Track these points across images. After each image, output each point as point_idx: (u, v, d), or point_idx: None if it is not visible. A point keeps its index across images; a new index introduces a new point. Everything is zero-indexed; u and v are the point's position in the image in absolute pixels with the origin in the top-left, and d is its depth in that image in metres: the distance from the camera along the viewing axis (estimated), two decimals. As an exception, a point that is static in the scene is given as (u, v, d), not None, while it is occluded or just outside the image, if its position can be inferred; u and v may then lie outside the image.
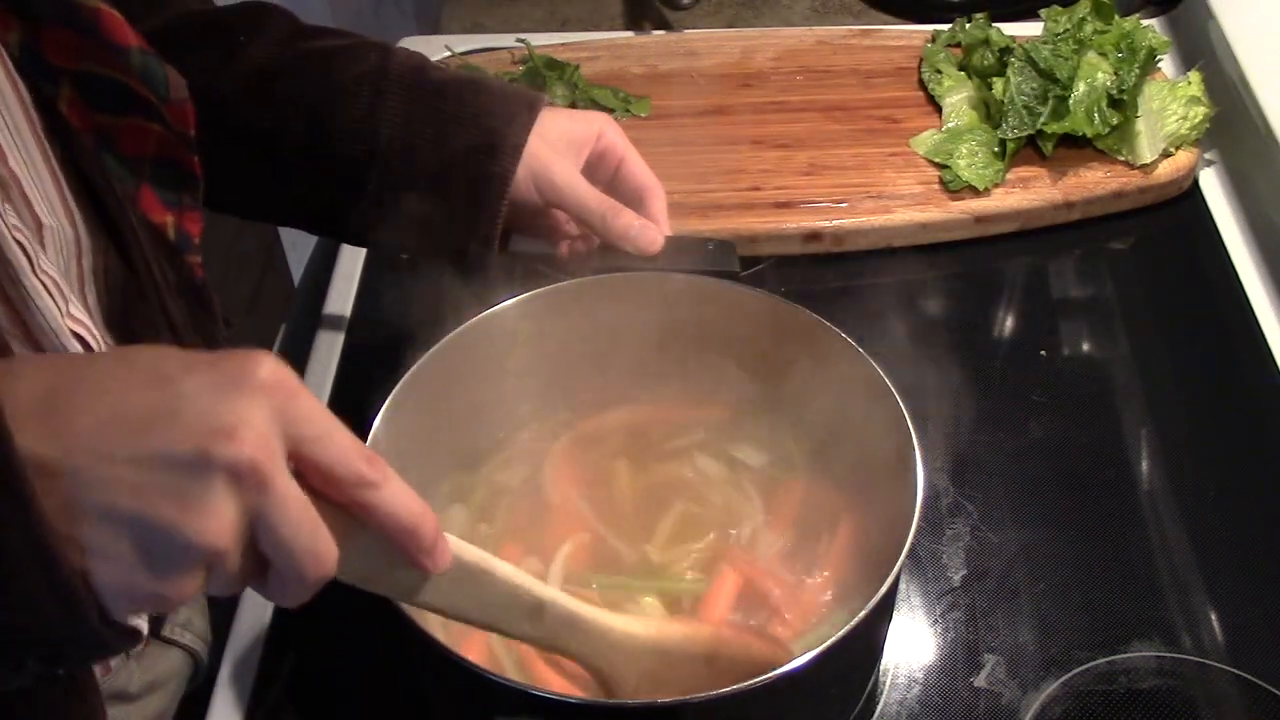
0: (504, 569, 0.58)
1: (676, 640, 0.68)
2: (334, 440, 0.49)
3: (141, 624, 0.51)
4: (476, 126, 0.85)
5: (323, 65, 0.86)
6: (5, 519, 0.44)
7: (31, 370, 0.48)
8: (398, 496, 0.51)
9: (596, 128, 0.88)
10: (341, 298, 1.09)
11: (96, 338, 0.65)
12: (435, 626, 0.76)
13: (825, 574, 0.80)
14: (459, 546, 0.55)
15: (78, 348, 0.63)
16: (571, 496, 0.85)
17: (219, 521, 0.46)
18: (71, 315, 0.64)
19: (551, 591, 0.62)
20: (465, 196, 0.85)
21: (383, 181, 0.85)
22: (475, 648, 0.75)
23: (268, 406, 0.47)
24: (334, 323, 1.07)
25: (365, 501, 0.50)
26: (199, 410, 0.46)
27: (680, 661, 0.67)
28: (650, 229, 0.86)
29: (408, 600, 0.55)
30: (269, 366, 0.48)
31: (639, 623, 0.66)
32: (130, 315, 0.70)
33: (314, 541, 0.49)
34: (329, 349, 1.04)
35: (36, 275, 0.61)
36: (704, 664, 0.68)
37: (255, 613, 0.86)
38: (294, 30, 0.88)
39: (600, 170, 0.88)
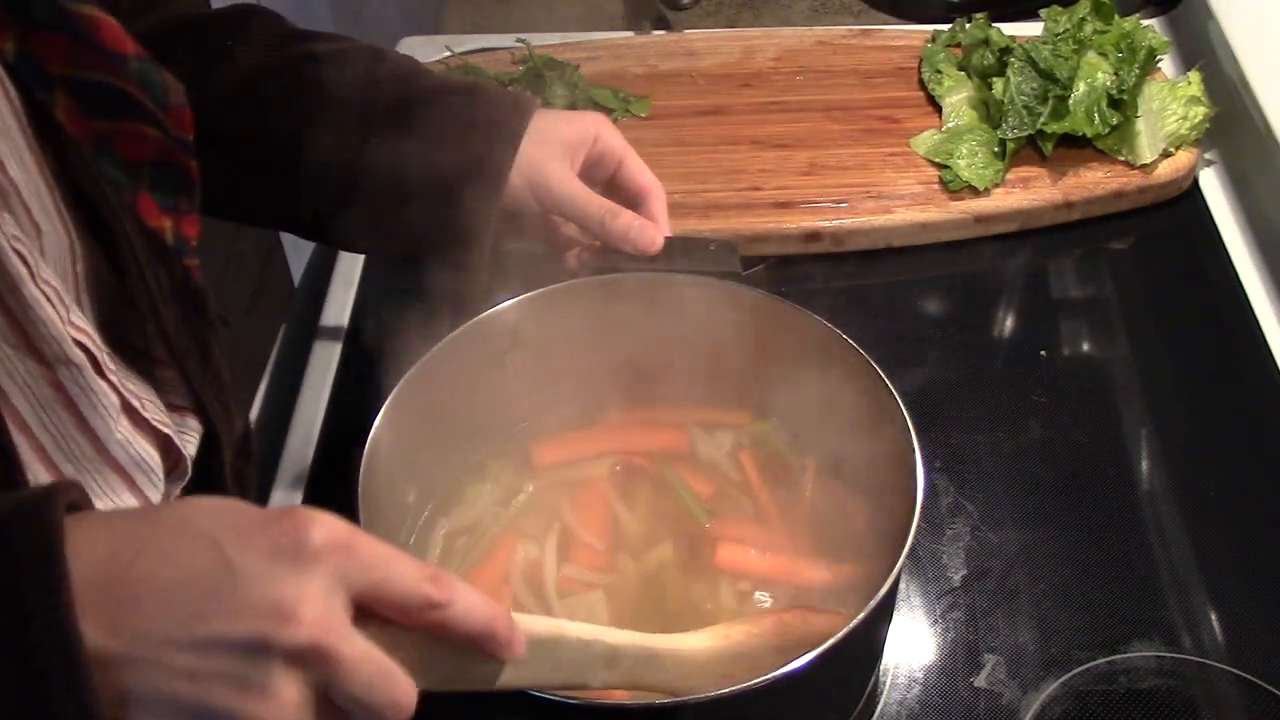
0: (574, 630, 0.60)
1: (741, 640, 0.69)
2: (397, 577, 0.50)
3: None
4: (465, 141, 0.84)
5: (310, 74, 0.85)
6: (63, 715, 0.45)
7: (90, 538, 0.47)
8: (468, 608, 0.52)
9: (593, 130, 0.87)
10: (342, 298, 1.09)
11: (97, 343, 0.65)
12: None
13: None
14: (530, 623, 0.56)
15: (80, 356, 0.63)
16: (569, 493, 0.85)
17: (280, 703, 0.46)
18: (73, 323, 0.64)
19: (621, 635, 0.62)
20: (454, 210, 0.84)
21: (370, 193, 0.85)
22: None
23: (326, 573, 0.48)
24: (334, 322, 1.07)
25: (437, 621, 0.51)
26: (255, 590, 0.46)
27: (752, 658, 0.68)
28: (650, 229, 0.85)
29: (491, 687, 0.55)
30: (323, 528, 0.48)
31: (706, 635, 0.67)
32: (120, 322, 0.70)
33: (389, 692, 0.49)
34: (329, 349, 1.04)
35: (37, 284, 0.61)
36: (775, 654, 0.68)
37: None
38: (282, 35, 0.87)
39: (598, 172, 0.88)
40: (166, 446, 0.71)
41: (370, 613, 0.50)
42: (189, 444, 0.74)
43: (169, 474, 0.72)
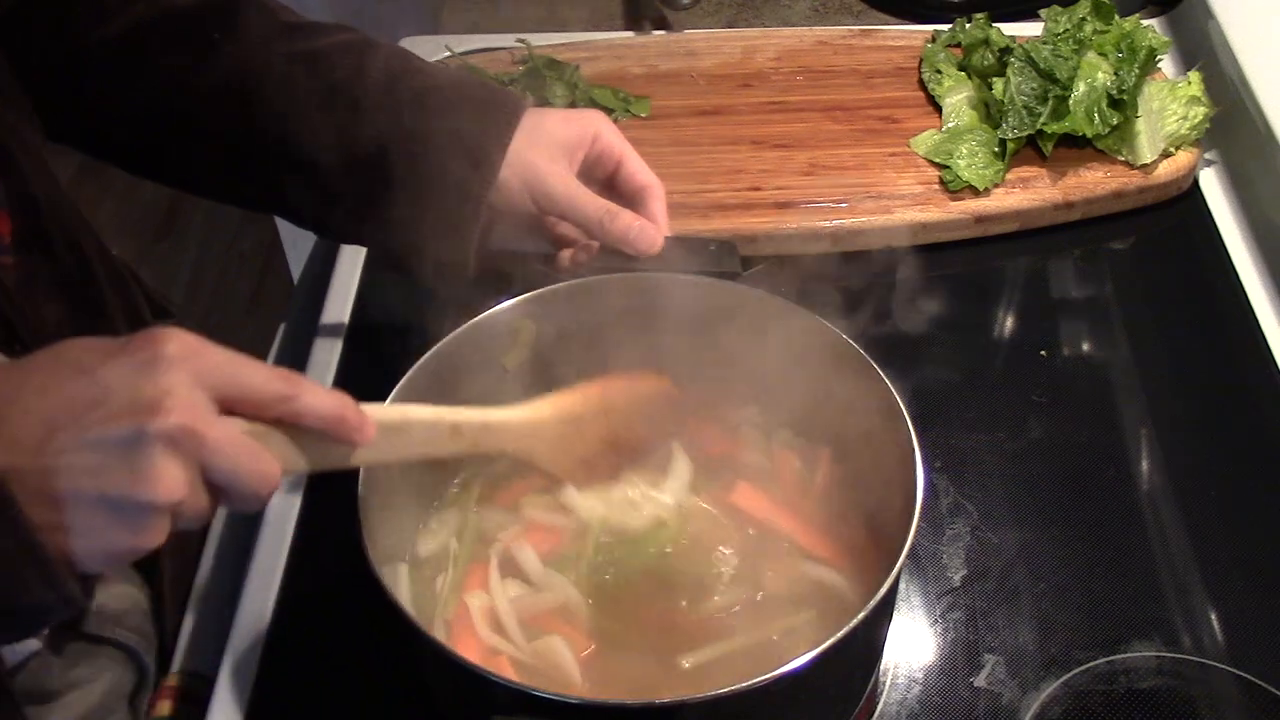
0: (418, 413, 0.69)
1: (568, 407, 0.78)
2: (247, 376, 0.58)
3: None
4: (453, 141, 0.84)
5: (299, 73, 0.85)
6: None
7: None
8: (317, 397, 0.60)
9: (592, 130, 0.87)
10: (341, 297, 1.09)
11: None
12: (435, 627, 0.76)
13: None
14: (379, 411, 0.65)
15: None
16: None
17: (168, 480, 0.54)
18: None
19: (460, 412, 0.71)
20: (441, 210, 0.84)
21: (358, 192, 0.85)
22: (474, 648, 0.75)
23: (184, 372, 0.55)
24: (334, 322, 1.07)
25: (291, 412, 0.59)
26: (126, 392, 0.54)
27: (580, 422, 0.79)
28: (650, 229, 0.85)
29: (349, 465, 0.65)
30: (173, 339, 0.56)
31: (538, 405, 0.77)
32: None
33: (255, 464, 0.57)
34: (329, 349, 1.04)
35: None
36: (602, 417, 0.80)
37: (255, 613, 0.86)
38: (272, 29, 0.87)
39: (598, 171, 0.88)
40: None
41: (233, 413, 0.58)
42: None
43: None
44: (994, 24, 1.23)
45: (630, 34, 1.34)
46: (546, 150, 0.85)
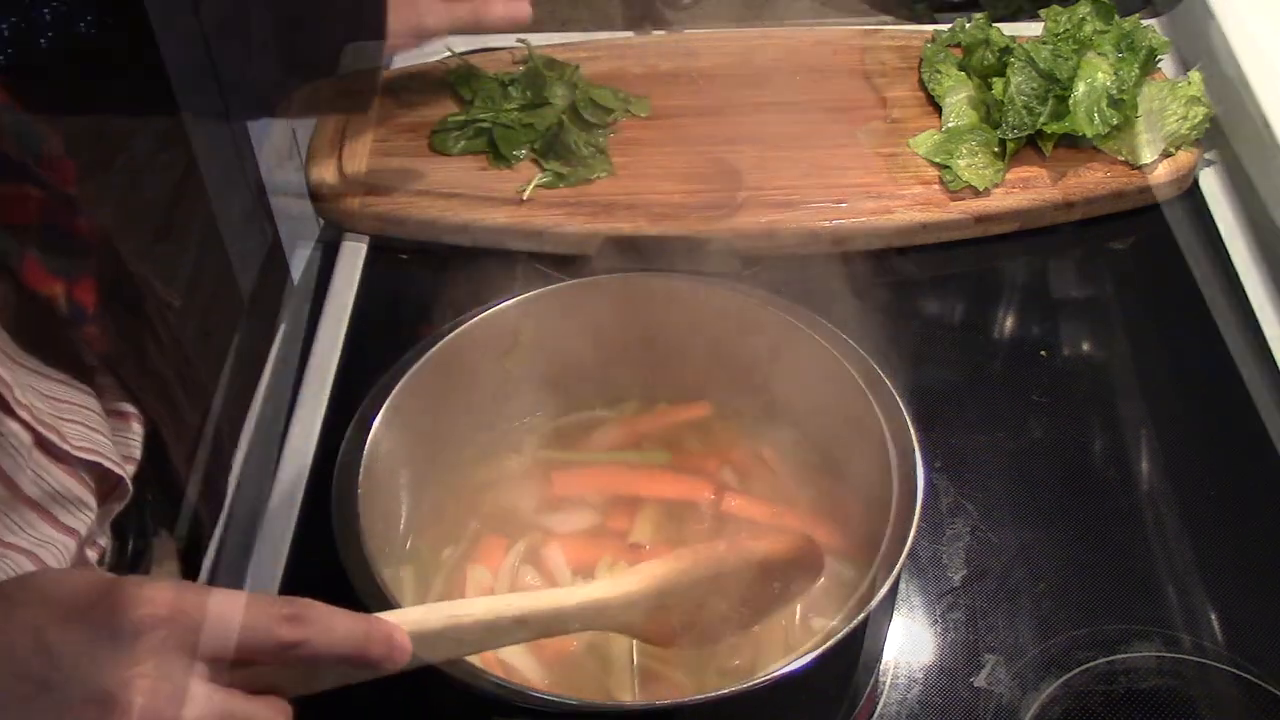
0: (471, 611, 0.60)
1: (669, 577, 0.68)
2: (240, 628, 0.50)
3: None
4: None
5: None
6: None
7: None
8: (329, 637, 0.52)
9: None
10: (342, 299, 1.09)
11: (6, 382, 0.62)
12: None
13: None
14: (418, 619, 0.57)
15: None
16: (567, 495, 0.85)
17: None
18: None
19: (527, 600, 0.63)
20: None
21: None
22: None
23: (154, 649, 0.48)
24: (334, 323, 1.07)
25: (301, 658, 0.52)
26: (79, 682, 0.47)
27: (685, 591, 0.68)
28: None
29: (391, 672, 0.56)
30: (147, 600, 0.48)
31: (627, 580, 0.67)
32: (42, 337, 0.67)
33: None
34: (329, 350, 1.04)
35: None
36: (710, 584, 0.69)
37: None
38: None
39: None
40: (102, 471, 0.69)
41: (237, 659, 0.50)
42: (133, 446, 0.73)
43: (107, 496, 0.70)
44: (994, 24, 1.23)
45: (630, 34, 1.34)
46: None
